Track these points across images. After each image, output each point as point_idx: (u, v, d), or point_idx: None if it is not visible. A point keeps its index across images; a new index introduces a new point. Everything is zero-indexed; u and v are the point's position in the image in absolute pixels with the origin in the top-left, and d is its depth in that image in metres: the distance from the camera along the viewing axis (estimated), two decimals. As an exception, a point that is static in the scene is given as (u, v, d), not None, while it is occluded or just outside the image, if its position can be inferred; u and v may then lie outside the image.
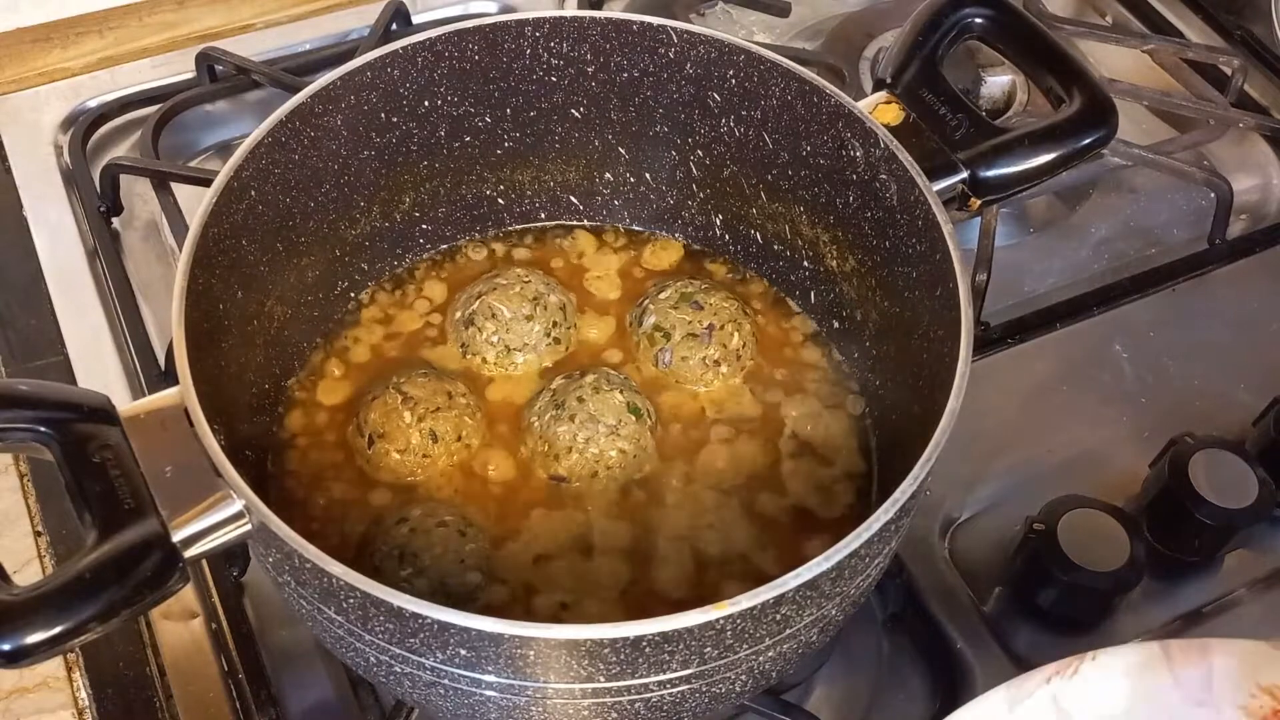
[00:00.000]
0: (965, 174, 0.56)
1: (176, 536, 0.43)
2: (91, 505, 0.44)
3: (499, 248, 0.67)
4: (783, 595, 0.42)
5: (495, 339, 0.61)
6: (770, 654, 0.46)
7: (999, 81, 0.84)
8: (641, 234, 0.68)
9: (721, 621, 0.42)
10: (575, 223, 0.68)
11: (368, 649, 0.46)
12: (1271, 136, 0.84)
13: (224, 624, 0.59)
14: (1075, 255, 0.79)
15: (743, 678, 0.47)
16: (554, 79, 0.61)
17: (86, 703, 0.58)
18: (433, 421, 0.57)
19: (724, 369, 0.61)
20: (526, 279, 0.62)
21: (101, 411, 0.46)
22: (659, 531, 0.57)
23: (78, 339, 0.70)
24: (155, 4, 0.87)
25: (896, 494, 0.44)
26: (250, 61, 0.82)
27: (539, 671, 0.43)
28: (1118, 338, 0.72)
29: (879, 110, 0.57)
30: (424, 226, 0.65)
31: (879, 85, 0.59)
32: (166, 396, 0.47)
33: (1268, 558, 0.64)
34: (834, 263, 0.61)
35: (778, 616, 0.44)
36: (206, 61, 0.82)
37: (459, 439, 0.58)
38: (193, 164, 0.82)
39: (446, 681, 0.45)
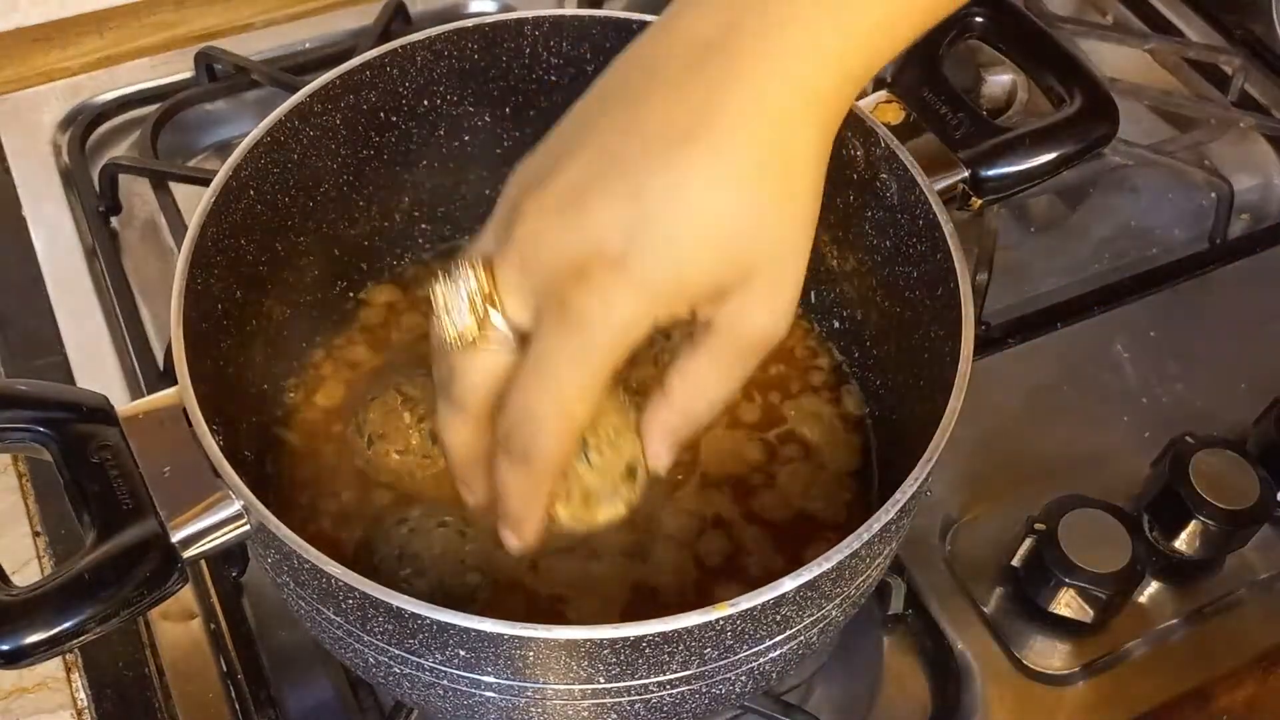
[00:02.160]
0: (966, 173, 0.56)
1: (175, 537, 0.43)
2: (90, 505, 0.44)
3: (499, 247, 0.67)
4: (783, 596, 0.42)
5: None
6: (771, 655, 0.46)
7: (1000, 81, 0.84)
8: (641, 234, 0.68)
9: (721, 622, 0.42)
10: (575, 222, 0.68)
11: (367, 650, 0.45)
12: (1273, 136, 0.84)
13: (223, 624, 0.59)
14: (1076, 255, 0.79)
15: (743, 678, 0.47)
16: (554, 78, 0.61)
17: (85, 703, 0.58)
18: (433, 422, 0.57)
19: (724, 369, 0.61)
20: (526, 279, 0.62)
21: (100, 411, 0.46)
22: (658, 532, 0.56)
23: (76, 339, 0.70)
24: (154, 4, 0.87)
25: (897, 495, 0.44)
26: (249, 61, 0.82)
27: (538, 672, 0.43)
28: (1119, 338, 0.72)
29: (879, 109, 0.57)
30: (424, 226, 0.65)
31: (879, 84, 0.59)
32: (165, 396, 0.47)
33: (1268, 557, 0.64)
34: (834, 263, 0.61)
35: (778, 617, 0.44)
36: (205, 61, 0.82)
37: (459, 439, 0.58)
38: (191, 163, 0.82)
39: (446, 682, 0.45)
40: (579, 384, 0.39)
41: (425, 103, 0.60)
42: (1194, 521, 0.60)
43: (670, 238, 0.37)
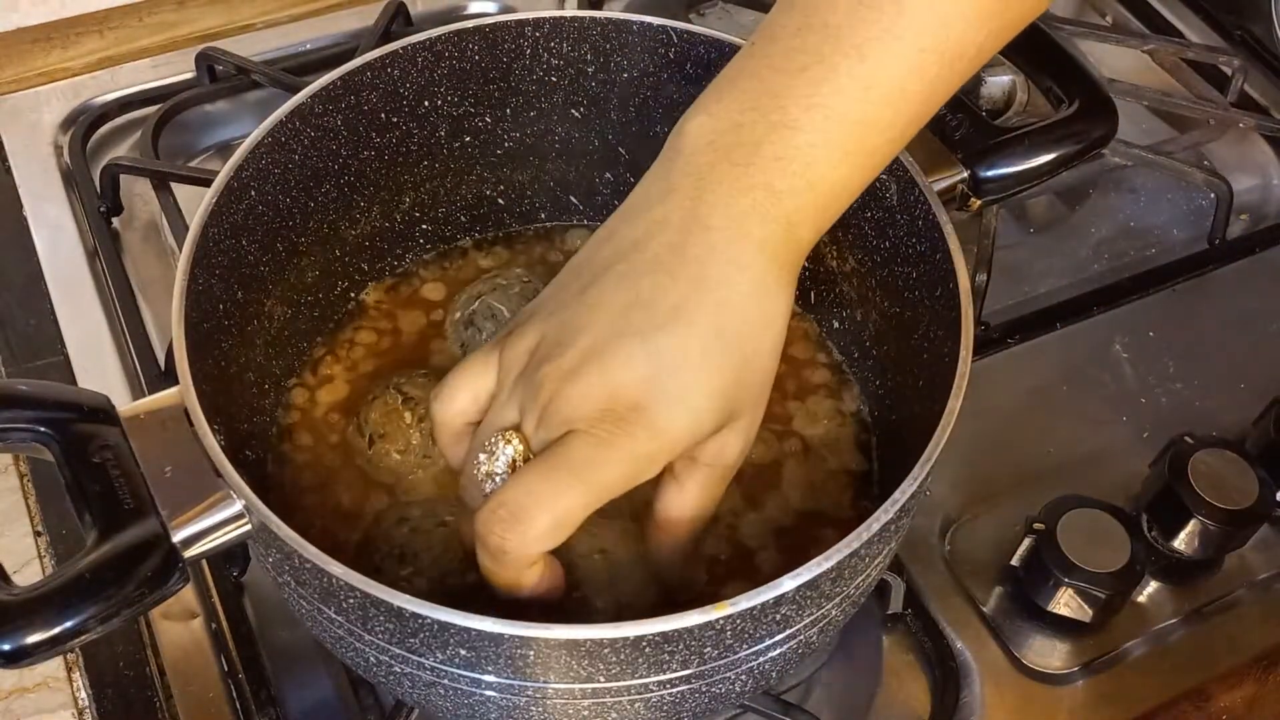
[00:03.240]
0: (965, 174, 0.56)
1: (177, 537, 0.43)
2: (91, 505, 0.44)
3: (499, 248, 0.67)
4: (782, 595, 0.42)
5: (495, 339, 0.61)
6: (771, 654, 0.46)
7: (999, 81, 0.84)
8: (641, 234, 0.68)
9: (721, 621, 0.42)
10: (575, 223, 0.68)
11: (368, 649, 0.46)
12: (1271, 136, 0.84)
13: (224, 624, 0.59)
14: (1075, 255, 0.79)
15: (743, 678, 0.47)
16: (554, 79, 0.61)
17: (86, 703, 0.58)
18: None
19: (724, 369, 0.61)
20: (527, 279, 0.62)
21: (101, 411, 0.46)
22: (659, 531, 0.57)
23: (78, 339, 0.70)
24: (155, 4, 0.87)
25: (896, 494, 0.44)
26: (250, 61, 0.82)
27: (539, 671, 0.43)
28: (1118, 338, 0.72)
29: (879, 110, 0.57)
30: (424, 226, 0.65)
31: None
32: (166, 396, 0.47)
33: (1268, 557, 0.64)
34: (834, 263, 0.61)
35: (778, 617, 0.44)
36: (206, 61, 0.82)
37: (459, 439, 0.58)
38: (193, 164, 0.82)
39: (446, 681, 0.45)
40: (577, 501, 0.43)
41: (426, 103, 0.60)
42: (1193, 521, 0.60)
43: (683, 393, 0.42)
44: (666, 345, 0.42)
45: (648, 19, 0.59)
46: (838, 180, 0.45)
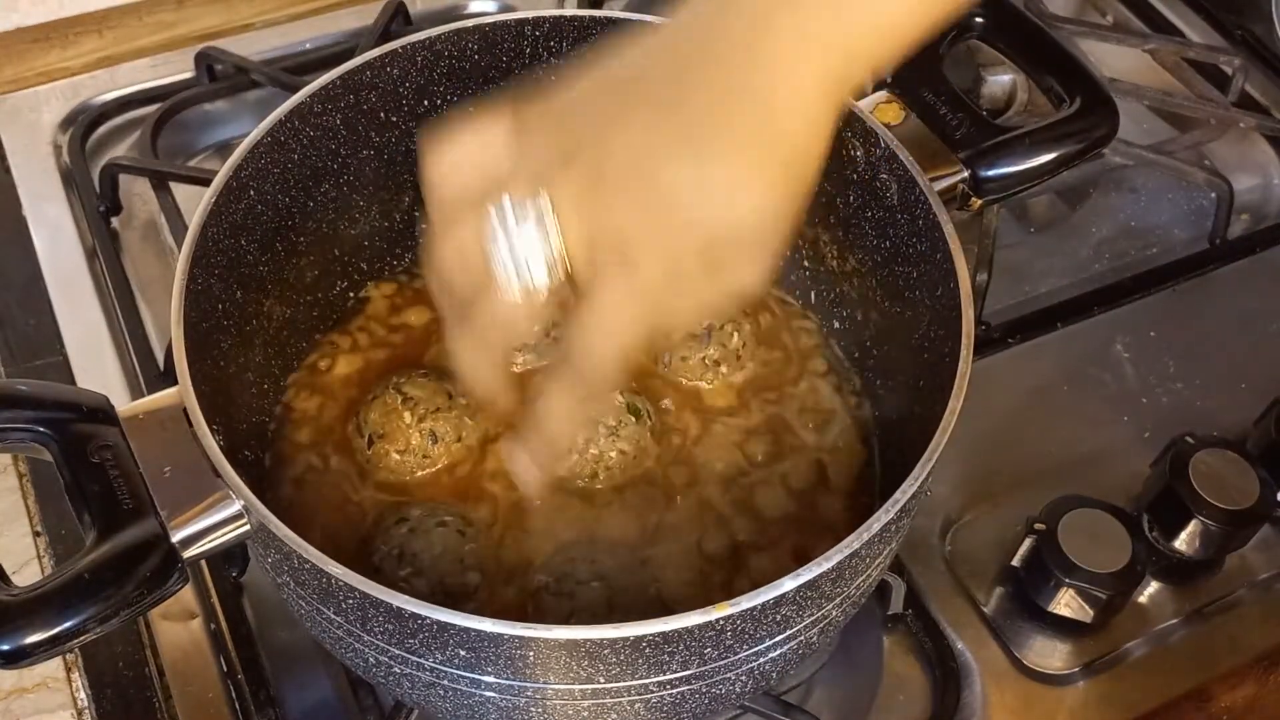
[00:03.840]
0: (966, 173, 0.56)
1: (176, 537, 0.43)
2: (91, 505, 0.44)
3: (499, 247, 0.67)
4: (782, 596, 0.42)
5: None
6: (771, 655, 0.46)
7: (1000, 81, 0.84)
8: (641, 234, 0.68)
9: (721, 622, 0.42)
10: (575, 222, 0.68)
11: (367, 649, 0.46)
12: (1272, 136, 0.84)
13: (223, 624, 0.59)
14: (1075, 255, 0.79)
15: (743, 678, 0.47)
16: (554, 79, 0.61)
17: (86, 703, 0.58)
18: (433, 422, 0.57)
19: (723, 369, 0.61)
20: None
21: (100, 411, 0.46)
22: (658, 532, 0.56)
23: (77, 339, 0.70)
24: (155, 3, 0.87)
25: (897, 495, 0.44)
26: (249, 61, 0.82)
27: (538, 672, 0.43)
28: (1118, 338, 0.72)
29: (879, 109, 0.57)
30: (424, 226, 0.65)
31: (879, 84, 0.59)
32: (165, 396, 0.47)
33: (1268, 557, 0.64)
34: (834, 263, 0.61)
35: (778, 617, 0.44)
36: (206, 61, 0.82)
37: (459, 440, 0.58)
38: (192, 164, 0.82)
39: (446, 682, 0.45)
40: (636, 323, 0.43)
41: (425, 103, 0.60)
42: (1194, 521, 0.60)
43: (728, 198, 0.42)
44: (718, 162, 0.42)
45: (648, 19, 0.59)
46: (897, 17, 0.44)
